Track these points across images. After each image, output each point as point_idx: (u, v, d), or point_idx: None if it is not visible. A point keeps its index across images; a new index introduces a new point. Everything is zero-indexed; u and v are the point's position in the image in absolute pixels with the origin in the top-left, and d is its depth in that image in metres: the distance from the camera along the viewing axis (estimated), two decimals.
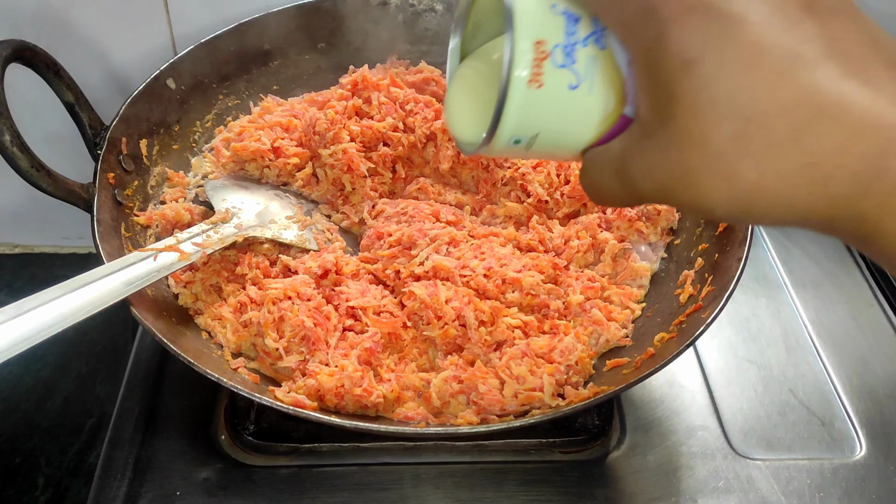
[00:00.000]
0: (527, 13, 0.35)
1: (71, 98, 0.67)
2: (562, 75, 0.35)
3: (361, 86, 0.79)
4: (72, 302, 0.53)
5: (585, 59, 0.35)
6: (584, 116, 0.36)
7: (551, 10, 0.35)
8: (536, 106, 0.35)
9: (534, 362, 0.60)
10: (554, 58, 0.34)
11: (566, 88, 0.35)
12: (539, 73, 0.35)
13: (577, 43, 0.34)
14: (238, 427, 0.67)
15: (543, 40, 0.34)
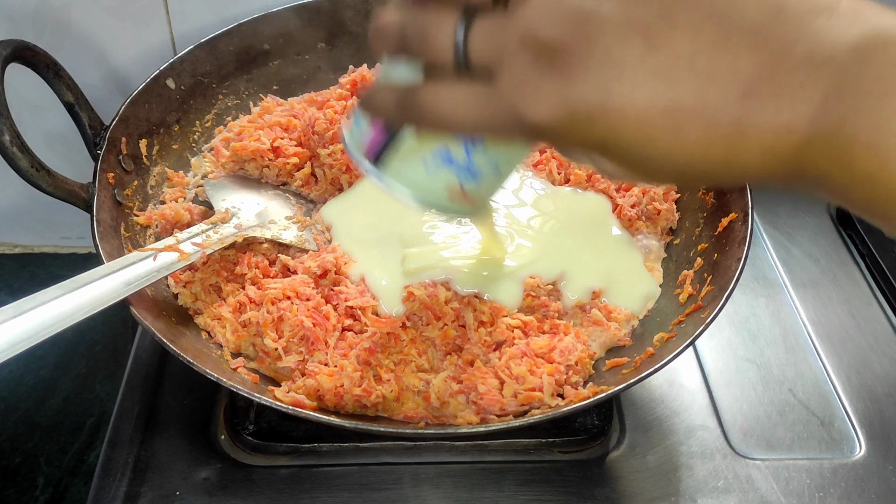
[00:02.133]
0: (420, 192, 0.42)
1: (71, 98, 0.67)
2: (483, 181, 0.41)
3: (360, 85, 0.79)
4: (71, 302, 0.53)
5: (482, 159, 0.41)
6: (517, 158, 0.43)
7: (428, 173, 0.41)
8: (485, 196, 0.44)
9: (533, 362, 0.60)
10: (467, 186, 0.41)
11: (493, 177, 0.42)
12: (470, 198, 0.42)
13: (466, 164, 0.40)
14: (238, 427, 0.67)
15: (449, 189, 0.41)
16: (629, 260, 0.71)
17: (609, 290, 0.68)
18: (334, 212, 0.73)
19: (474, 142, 0.40)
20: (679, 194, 0.75)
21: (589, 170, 0.76)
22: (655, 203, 0.73)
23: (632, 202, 0.73)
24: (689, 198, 0.75)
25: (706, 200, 0.72)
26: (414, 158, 0.41)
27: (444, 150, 0.40)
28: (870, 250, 0.86)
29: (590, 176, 0.76)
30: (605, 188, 0.75)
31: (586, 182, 0.76)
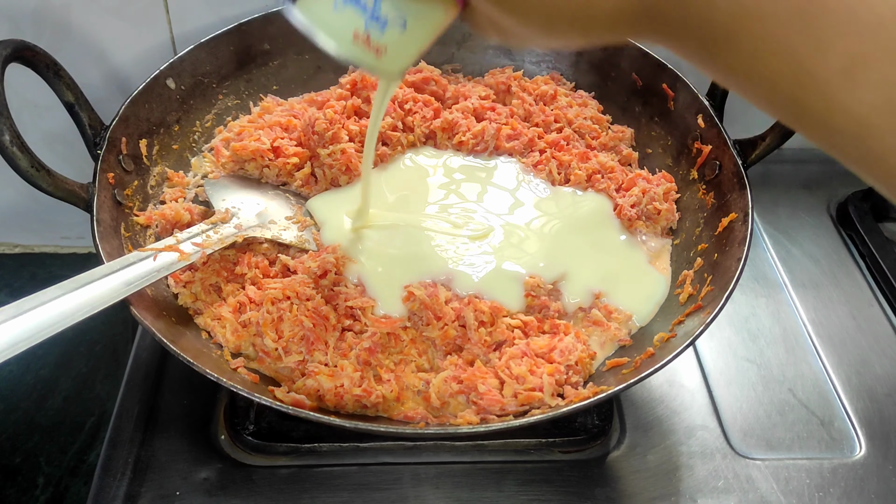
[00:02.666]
0: (328, 30, 0.43)
1: (71, 98, 0.67)
2: (388, 33, 0.43)
3: (360, 85, 0.79)
4: (72, 301, 0.53)
5: (389, 7, 0.42)
6: (430, 21, 0.44)
7: (336, 11, 0.42)
8: (396, 54, 0.44)
9: (533, 362, 0.60)
10: (372, 33, 0.42)
11: (400, 32, 0.43)
12: (377, 47, 0.43)
13: (373, 9, 0.42)
14: (238, 427, 0.67)
15: (355, 32, 0.42)
16: (631, 261, 0.71)
17: (611, 292, 0.68)
18: (323, 206, 0.74)
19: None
20: (679, 194, 0.75)
21: (589, 170, 0.76)
22: (655, 203, 0.73)
23: (632, 202, 0.73)
24: (690, 198, 0.75)
25: (706, 200, 0.72)
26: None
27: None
28: (870, 251, 0.86)
29: (590, 176, 0.76)
30: (605, 188, 0.75)
31: (586, 182, 0.76)
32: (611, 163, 0.77)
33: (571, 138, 0.80)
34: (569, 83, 0.87)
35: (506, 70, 0.87)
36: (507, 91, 0.84)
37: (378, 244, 0.70)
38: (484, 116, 0.80)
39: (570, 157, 0.77)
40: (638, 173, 0.77)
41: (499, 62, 0.89)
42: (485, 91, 0.84)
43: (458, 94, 0.83)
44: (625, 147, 0.81)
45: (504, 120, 0.80)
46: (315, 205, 0.74)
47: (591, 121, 0.82)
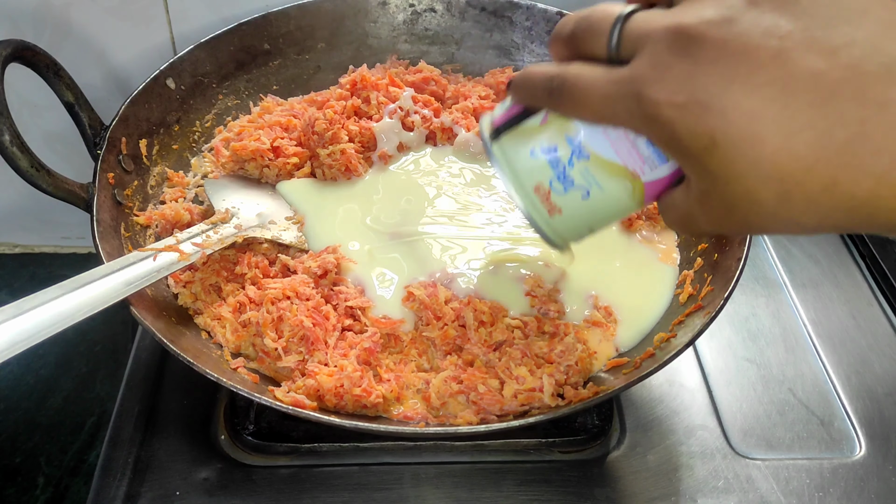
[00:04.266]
0: (512, 171, 0.43)
1: (71, 98, 0.67)
2: (571, 196, 0.42)
3: (360, 85, 0.79)
4: (72, 301, 0.53)
5: (580, 174, 0.41)
6: (612, 204, 0.43)
7: (531, 157, 0.42)
8: (568, 221, 0.43)
9: (534, 362, 0.60)
10: (555, 190, 0.42)
11: (581, 201, 0.42)
12: (553, 206, 0.42)
13: (564, 168, 0.41)
14: (238, 427, 0.67)
15: (538, 185, 0.42)
16: (633, 260, 0.71)
17: (611, 292, 0.68)
18: (304, 194, 0.74)
19: (581, 153, 0.41)
20: None
21: None
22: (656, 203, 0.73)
23: None
24: None
25: None
26: (526, 142, 0.42)
27: (553, 146, 0.41)
28: (870, 251, 0.86)
29: None
30: None
31: None
32: None
33: None
34: None
35: (506, 70, 0.87)
36: (507, 91, 0.84)
37: (378, 245, 0.70)
38: None
39: None
40: None
41: (499, 62, 0.89)
42: (485, 91, 0.84)
43: (458, 94, 0.83)
44: None
45: None
46: (288, 189, 0.74)
47: None
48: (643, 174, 0.40)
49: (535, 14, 0.86)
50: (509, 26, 0.88)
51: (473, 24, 0.88)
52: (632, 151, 0.40)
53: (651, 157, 0.40)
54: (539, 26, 0.87)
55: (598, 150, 0.40)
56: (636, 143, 0.40)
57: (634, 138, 0.39)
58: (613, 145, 0.40)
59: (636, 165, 0.40)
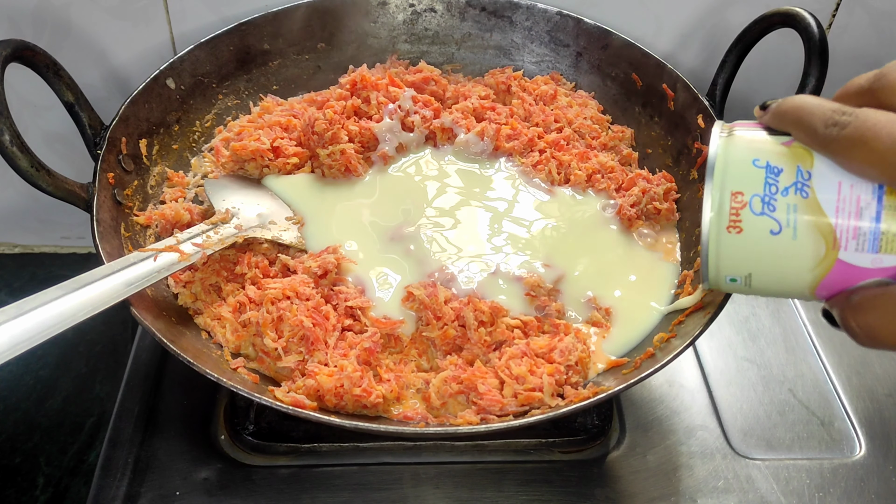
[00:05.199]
0: (726, 167, 0.39)
1: (71, 98, 0.67)
2: (761, 222, 0.38)
3: (360, 85, 0.79)
4: (72, 302, 0.53)
5: (786, 207, 0.38)
6: (793, 259, 0.39)
7: (752, 164, 0.39)
8: (739, 249, 0.39)
9: (533, 362, 0.60)
10: (752, 206, 0.38)
11: (767, 234, 0.38)
12: (737, 220, 0.39)
13: (776, 193, 0.38)
14: (238, 427, 0.67)
15: (740, 192, 0.39)
16: (634, 259, 0.71)
17: (611, 292, 0.68)
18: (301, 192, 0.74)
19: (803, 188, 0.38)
20: (679, 194, 0.75)
21: (589, 170, 0.76)
22: (656, 203, 0.73)
23: (632, 202, 0.73)
24: (689, 198, 0.75)
25: None
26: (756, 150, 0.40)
27: (779, 167, 0.38)
28: None
29: (590, 176, 0.76)
30: (605, 188, 0.75)
31: (586, 182, 0.76)
32: (611, 163, 0.77)
33: (571, 138, 0.80)
34: (569, 83, 0.87)
35: (506, 70, 0.87)
36: (507, 91, 0.84)
37: (378, 245, 0.70)
38: (484, 116, 0.80)
39: (570, 157, 0.77)
40: (638, 173, 0.77)
41: (499, 62, 0.89)
42: (485, 91, 0.84)
43: (458, 94, 0.83)
44: (625, 147, 0.81)
45: (504, 120, 0.80)
46: (280, 186, 0.74)
47: (591, 121, 0.82)
48: (844, 249, 0.37)
49: (535, 14, 0.86)
50: (509, 26, 0.88)
51: (473, 24, 0.88)
52: (851, 218, 0.37)
53: (865, 237, 0.36)
54: (539, 26, 0.87)
55: (821, 195, 0.37)
56: (862, 213, 0.36)
57: (864, 207, 0.36)
58: (839, 202, 0.37)
59: (845, 234, 0.37)
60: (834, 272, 0.38)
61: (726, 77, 0.75)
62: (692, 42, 0.86)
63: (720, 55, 0.76)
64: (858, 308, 0.36)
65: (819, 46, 0.67)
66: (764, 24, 0.72)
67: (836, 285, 0.38)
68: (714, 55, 0.79)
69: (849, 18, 0.84)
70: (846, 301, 0.37)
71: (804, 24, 0.68)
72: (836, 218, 0.37)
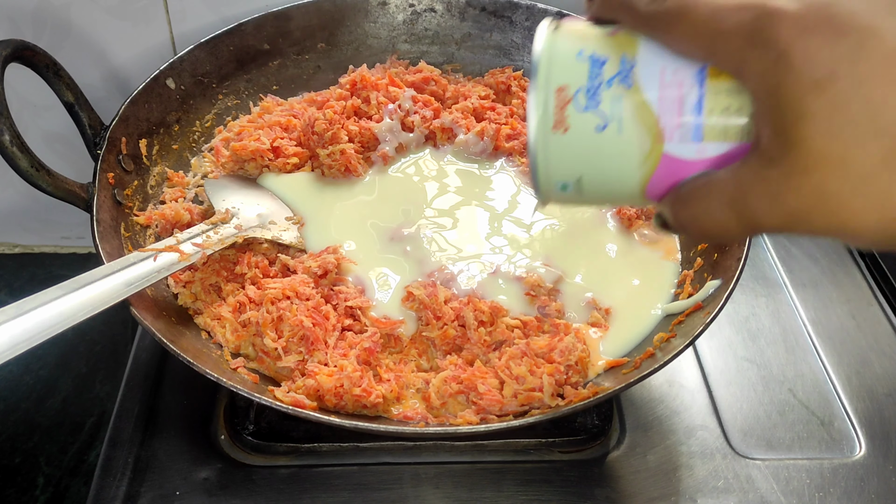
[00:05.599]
0: (549, 61, 0.36)
1: (71, 98, 0.67)
2: (587, 118, 0.35)
3: (360, 85, 0.79)
4: (72, 302, 0.53)
5: (610, 100, 0.35)
6: (620, 157, 0.36)
7: (576, 58, 0.36)
8: (567, 149, 0.36)
9: (533, 362, 0.60)
10: (577, 102, 0.35)
11: (593, 130, 0.35)
12: (563, 118, 0.36)
13: (600, 85, 0.35)
14: (238, 427, 0.67)
15: (565, 86, 0.36)
16: (634, 259, 0.71)
17: (611, 292, 0.68)
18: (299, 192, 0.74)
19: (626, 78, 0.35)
20: None
21: None
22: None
23: None
24: None
25: None
26: (580, 42, 0.36)
27: (604, 57, 0.35)
28: (870, 251, 0.86)
29: None
30: None
31: None
32: None
33: None
34: None
35: (506, 70, 0.87)
36: (507, 91, 0.84)
37: (378, 245, 0.70)
38: (484, 116, 0.80)
39: None
40: None
41: (499, 62, 0.89)
42: (485, 91, 0.84)
43: (458, 94, 0.83)
44: None
45: (504, 120, 0.80)
46: (276, 184, 0.74)
47: None
48: (669, 139, 0.35)
49: (535, 14, 0.86)
50: (509, 26, 0.88)
51: (473, 24, 0.88)
52: (673, 107, 0.34)
53: (688, 127, 0.34)
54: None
55: (643, 83, 0.35)
56: (684, 101, 0.34)
57: (686, 94, 0.34)
58: (661, 91, 0.34)
59: (668, 125, 0.34)
60: (661, 167, 0.36)
61: None
62: None
63: None
64: (685, 201, 0.35)
65: None
66: None
67: (664, 182, 0.36)
68: None
69: None
70: (675, 196, 0.35)
71: None
72: (660, 108, 0.35)
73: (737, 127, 0.33)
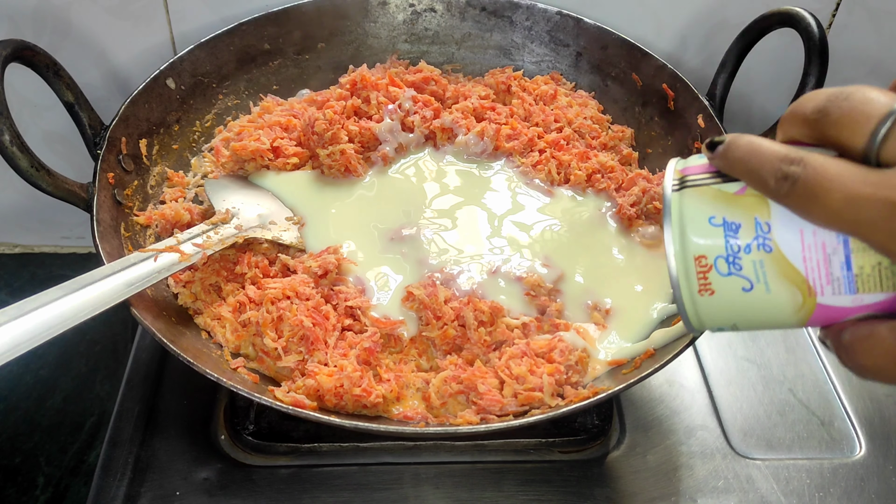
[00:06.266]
0: (683, 230, 0.38)
1: (71, 98, 0.67)
2: (731, 282, 0.37)
3: (360, 85, 0.79)
4: (73, 303, 0.53)
5: (752, 264, 0.36)
6: (771, 309, 0.37)
7: (709, 223, 0.37)
8: (716, 307, 0.38)
9: (533, 362, 0.60)
10: (718, 268, 0.37)
11: (740, 291, 0.37)
12: (707, 284, 0.37)
13: (739, 250, 0.36)
14: (238, 427, 0.67)
15: (703, 255, 0.37)
16: (634, 259, 0.71)
17: (611, 292, 0.68)
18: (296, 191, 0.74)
19: (765, 243, 0.36)
20: None
21: (589, 170, 0.76)
22: (656, 202, 0.73)
23: (632, 201, 0.73)
24: None
25: None
26: (710, 206, 0.38)
27: (737, 223, 0.37)
28: None
29: (590, 176, 0.76)
30: (605, 188, 0.75)
31: (586, 182, 0.76)
32: (611, 162, 0.77)
33: (571, 138, 0.80)
34: (569, 83, 0.87)
35: (506, 70, 0.87)
36: (507, 91, 0.84)
37: (378, 245, 0.70)
38: (484, 116, 0.80)
39: (570, 156, 0.77)
40: (638, 173, 0.77)
41: (499, 62, 0.89)
42: (485, 91, 0.84)
43: (458, 94, 0.83)
44: (625, 147, 0.81)
45: (504, 120, 0.80)
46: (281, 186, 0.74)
47: (591, 121, 0.82)
48: (821, 294, 0.36)
49: (535, 14, 0.86)
50: (509, 26, 0.88)
51: (473, 24, 0.88)
52: (821, 266, 0.35)
53: (840, 281, 0.35)
54: (539, 26, 0.87)
55: (784, 247, 0.36)
56: (830, 260, 0.35)
57: (831, 254, 0.35)
58: (804, 251, 0.36)
59: (818, 282, 0.36)
60: (817, 314, 0.37)
61: (726, 77, 0.75)
62: (692, 42, 0.86)
63: (720, 55, 0.76)
64: (850, 349, 0.36)
65: (819, 46, 0.67)
66: (764, 24, 0.72)
67: (824, 320, 0.37)
68: (714, 55, 0.79)
69: (849, 18, 0.84)
70: (838, 338, 0.36)
71: (804, 23, 0.68)
72: (806, 268, 0.36)
73: (892, 280, 0.35)
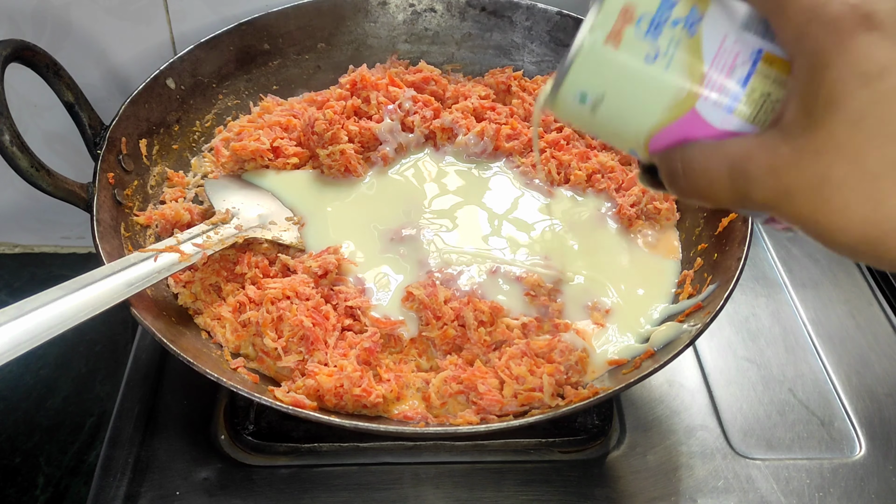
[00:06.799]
0: None
1: (71, 98, 0.67)
2: (641, 44, 0.36)
3: (360, 85, 0.79)
4: (73, 303, 0.53)
5: (670, 38, 0.36)
6: (653, 93, 0.37)
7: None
8: (608, 63, 0.37)
9: (533, 362, 0.61)
10: (638, 26, 0.36)
11: (641, 57, 0.36)
12: (619, 35, 0.36)
13: (666, 20, 0.36)
14: (238, 427, 0.67)
15: (632, 7, 0.36)
16: (634, 259, 0.71)
17: (611, 292, 0.68)
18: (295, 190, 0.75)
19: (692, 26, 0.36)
20: None
21: (589, 169, 0.76)
22: (655, 202, 0.73)
23: (631, 201, 0.73)
24: None
25: None
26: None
27: None
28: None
29: (590, 175, 0.76)
30: (605, 188, 0.75)
31: (586, 182, 0.76)
32: (611, 162, 0.77)
33: (571, 138, 0.80)
34: None
35: (506, 70, 0.87)
36: (507, 91, 0.84)
37: (378, 246, 0.70)
38: (484, 116, 0.80)
39: (570, 156, 0.77)
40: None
41: (499, 62, 0.89)
42: (485, 91, 0.84)
43: (458, 94, 0.83)
44: None
45: (504, 120, 0.80)
46: (281, 186, 0.74)
47: None
48: (704, 97, 0.36)
49: (535, 14, 0.86)
50: (509, 26, 0.88)
51: (473, 24, 0.88)
52: (723, 70, 0.36)
53: (728, 93, 0.36)
54: (539, 26, 0.87)
55: (705, 39, 0.36)
56: (734, 69, 0.35)
57: (738, 65, 0.35)
58: (719, 51, 0.36)
59: (711, 83, 0.36)
60: (683, 120, 0.37)
61: None
62: None
63: None
64: (688, 156, 0.36)
65: None
66: None
67: (675, 135, 0.37)
68: None
69: None
70: (679, 150, 0.36)
71: None
72: (711, 65, 0.36)
73: (764, 115, 0.35)
